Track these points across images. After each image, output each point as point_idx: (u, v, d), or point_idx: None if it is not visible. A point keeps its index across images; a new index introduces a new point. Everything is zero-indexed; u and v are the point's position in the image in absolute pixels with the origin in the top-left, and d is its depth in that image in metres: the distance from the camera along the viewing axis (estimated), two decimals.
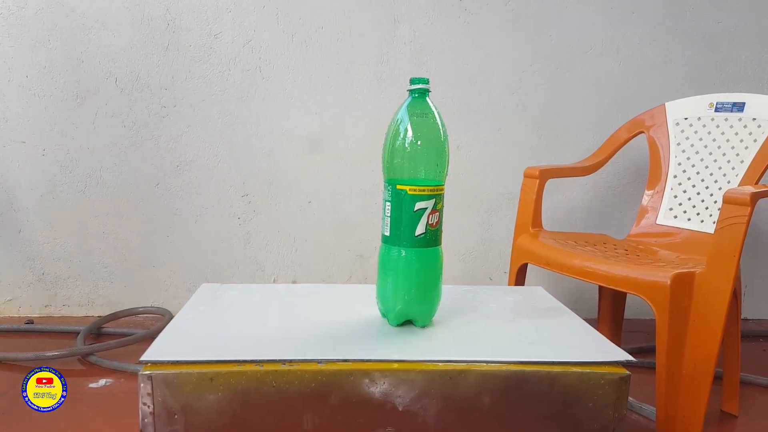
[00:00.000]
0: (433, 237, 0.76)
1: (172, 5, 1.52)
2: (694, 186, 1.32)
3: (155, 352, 0.67)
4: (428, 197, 0.74)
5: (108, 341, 1.36)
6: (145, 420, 0.63)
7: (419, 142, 0.73)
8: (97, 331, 1.48)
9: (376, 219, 0.76)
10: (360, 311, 0.84)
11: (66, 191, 1.57)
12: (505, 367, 0.68)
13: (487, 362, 0.68)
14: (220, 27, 1.54)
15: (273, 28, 1.55)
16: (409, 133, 0.73)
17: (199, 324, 0.80)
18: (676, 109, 1.38)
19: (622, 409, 0.69)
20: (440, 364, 0.68)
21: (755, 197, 0.96)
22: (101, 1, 1.50)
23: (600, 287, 1.42)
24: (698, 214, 1.30)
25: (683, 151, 1.35)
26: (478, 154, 1.65)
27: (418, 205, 0.74)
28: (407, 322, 0.79)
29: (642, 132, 1.41)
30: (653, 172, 1.40)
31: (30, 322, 1.54)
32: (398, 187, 0.74)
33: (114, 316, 1.53)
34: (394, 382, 0.66)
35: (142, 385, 0.63)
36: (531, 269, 1.28)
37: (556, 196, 1.66)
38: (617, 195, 1.69)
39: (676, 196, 1.34)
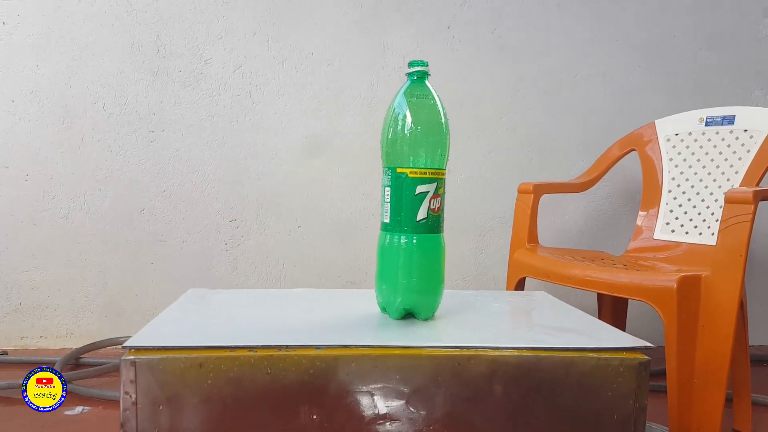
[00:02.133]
0: (435, 223, 0.72)
1: (163, 31, 1.52)
2: (689, 200, 1.31)
3: (140, 338, 0.61)
4: (430, 180, 0.71)
5: (86, 369, 1.29)
6: (127, 411, 0.57)
7: (419, 125, 0.71)
8: (75, 361, 1.40)
9: (367, 244, 0.73)
10: (359, 308, 0.80)
11: (48, 217, 1.51)
12: (516, 353, 0.63)
13: (497, 348, 0.63)
14: (211, 53, 1.54)
15: (263, 54, 1.55)
16: (409, 116, 0.71)
17: (188, 316, 0.75)
18: (666, 126, 1.38)
19: (644, 399, 0.64)
20: (447, 350, 0.63)
21: (758, 195, 0.95)
22: (91, 26, 1.49)
23: (599, 302, 1.38)
24: (696, 227, 1.28)
25: (676, 166, 1.35)
26: (469, 179, 1.63)
27: (420, 189, 0.71)
28: (408, 316, 0.75)
29: (633, 149, 1.41)
30: (647, 188, 1.39)
31: (4, 353, 1.45)
32: (398, 170, 0.71)
33: (93, 346, 1.45)
34: (398, 370, 0.61)
35: (124, 371, 0.57)
36: (528, 285, 1.24)
37: (549, 218, 1.64)
38: (610, 217, 1.68)
39: (672, 211, 1.32)
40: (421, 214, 0.71)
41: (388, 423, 0.61)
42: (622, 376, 0.64)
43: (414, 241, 0.71)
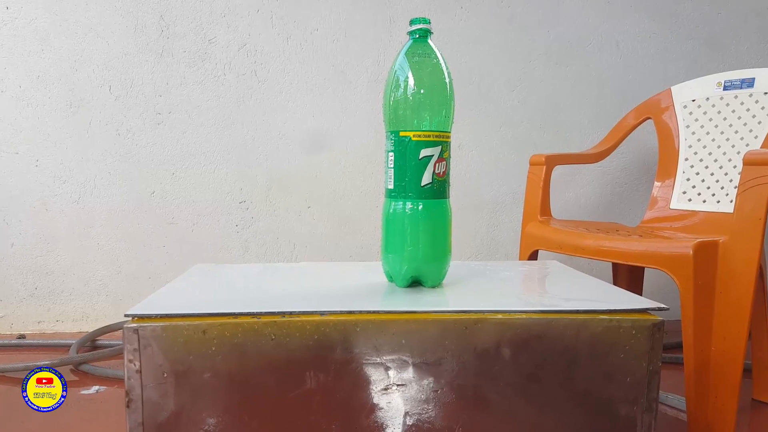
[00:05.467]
0: (440, 188, 0.71)
1: (166, 12, 1.51)
2: (707, 167, 1.28)
3: (143, 306, 0.62)
4: (434, 143, 0.70)
5: (102, 350, 1.30)
6: (131, 380, 0.58)
7: (422, 86, 0.70)
8: (91, 343, 1.41)
9: (379, 222, 0.73)
10: (365, 277, 0.80)
11: (60, 202, 1.53)
12: (525, 316, 0.62)
13: (505, 311, 0.62)
14: (215, 32, 1.53)
15: (268, 32, 1.54)
16: (411, 76, 0.69)
17: (192, 287, 0.75)
18: (682, 92, 1.35)
19: (657, 361, 0.63)
20: (454, 314, 0.62)
21: None
22: (94, 9, 1.49)
23: (614, 274, 1.36)
24: (713, 195, 1.25)
25: (693, 133, 1.32)
26: (480, 154, 1.62)
27: (424, 153, 0.69)
28: (415, 284, 0.74)
29: (649, 118, 1.38)
30: (664, 158, 1.36)
31: (22, 337, 1.48)
32: (401, 134, 0.70)
33: (109, 329, 1.47)
34: (404, 335, 0.60)
35: (127, 340, 0.57)
36: (541, 258, 1.23)
37: (562, 191, 1.62)
38: (625, 189, 1.65)
39: (689, 179, 1.30)
40: (426, 178, 0.70)
41: (394, 388, 0.61)
42: (635, 338, 0.62)
43: (419, 207, 0.70)
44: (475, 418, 0.62)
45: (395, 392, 0.61)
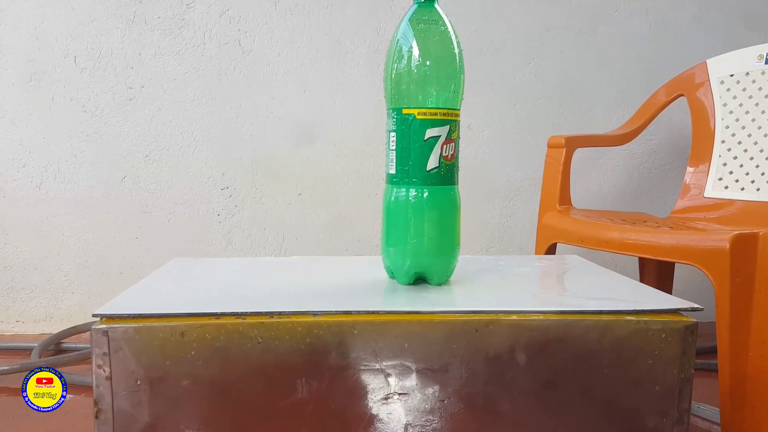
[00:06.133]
0: (448, 173, 0.71)
1: None
2: (746, 150, 1.27)
3: (114, 305, 0.61)
4: (441, 123, 0.69)
5: (68, 354, 1.30)
6: (101, 388, 0.57)
7: (428, 57, 0.69)
8: (56, 347, 1.42)
9: (374, 211, 0.73)
10: (364, 274, 0.80)
11: (19, 188, 1.52)
12: (542, 317, 0.62)
13: (520, 312, 0.62)
14: None
15: None
16: (415, 46, 0.69)
17: (169, 283, 0.75)
18: (719, 66, 1.34)
19: (690, 368, 0.63)
20: (463, 314, 0.62)
21: None
22: None
23: (641, 271, 1.36)
24: (753, 182, 1.25)
25: (731, 112, 1.31)
26: (492, 136, 1.61)
27: (429, 133, 0.69)
28: (419, 282, 0.74)
29: (682, 95, 1.38)
30: (697, 140, 1.36)
31: None
32: (404, 111, 0.69)
33: (75, 330, 1.47)
34: (406, 338, 0.60)
35: (95, 343, 0.57)
36: (560, 252, 1.23)
37: (584, 177, 1.61)
38: (654, 176, 1.65)
39: (725, 164, 1.30)
40: (432, 162, 0.69)
41: (395, 397, 0.61)
42: (665, 342, 0.62)
43: (424, 195, 0.70)
44: (485, 431, 0.62)
45: (396, 402, 0.61)
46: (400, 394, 0.61)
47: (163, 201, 1.56)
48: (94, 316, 0.59)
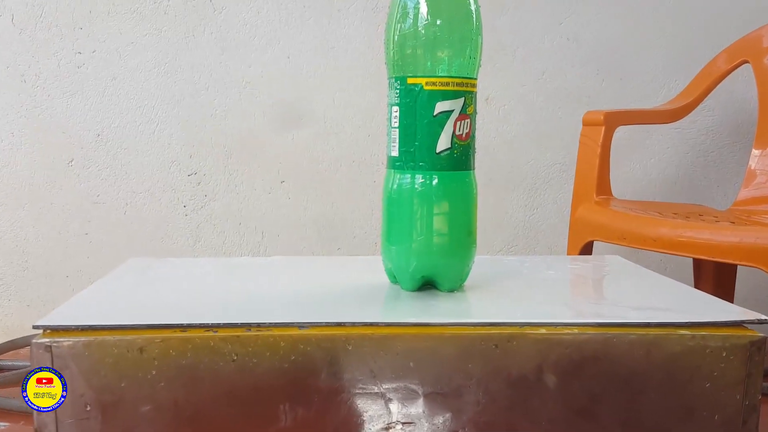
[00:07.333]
0: (462, 155, 0.71)
1: None
2: None
3: (59, 315, 0.62)
4: (454, 95, 0.69)
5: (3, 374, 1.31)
6: (42, 414, 0.58)
7: (439, 16, 0.69)
8: None
9: (373, 202, 0.73)
10: (361, 277, 0.80)
11: None
12: (577, 331, 0.62)
13: (549, 324, 0.62)
14: None
15: None
16: (423, 2, 0.69)
17: (125, 289, 0.75)
18: None
19: (756, 393, 0.63)
20: (480, 327, 0.62)
21: None
22: None
23: (696, 274, 1.37)
24: None
25: None
26: (515, 110, 1.62)
27: (440, 107, 0.69)
28: (427, 287, 0.74)
29: (746, 61, 1.39)
30: (765, 116, 1.36)
31: None
32: (410, 81, 0.69)
33: (13, 345, 1.47)
34: (412, 355, 0.60)
35: (36, 360, 0.57)
36: (597, 251, 1.24)
37: (626, 161, 1.62)
38: (712, 160, 1.65)
39: None
40: (443, 143, 0.69)
41: (398, 427, 0.61)
42: (726, 361, 0.62)
43: (433, 182, 0.70)
44: None
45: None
46: (403, 423, 0.61)
47: (118, 189, 1.57)
48: (34, 327, 0.59)
